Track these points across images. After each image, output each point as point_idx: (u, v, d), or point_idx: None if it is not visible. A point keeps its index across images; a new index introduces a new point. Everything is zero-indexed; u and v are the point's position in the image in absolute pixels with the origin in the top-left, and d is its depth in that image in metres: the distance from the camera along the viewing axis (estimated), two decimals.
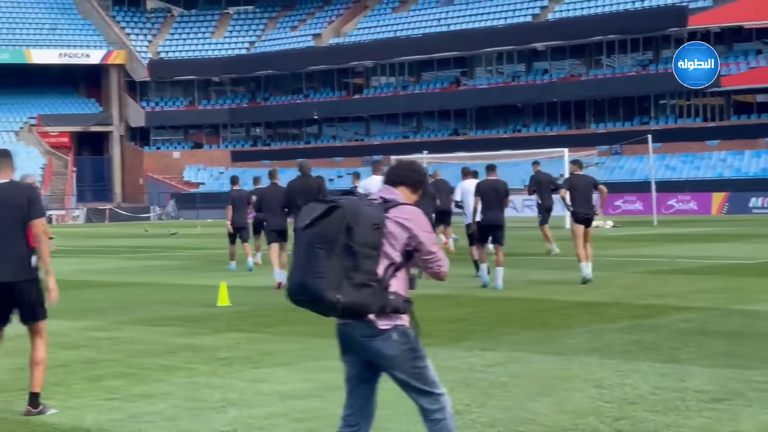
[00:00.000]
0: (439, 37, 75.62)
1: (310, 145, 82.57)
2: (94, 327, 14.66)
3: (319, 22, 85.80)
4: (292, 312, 15.83)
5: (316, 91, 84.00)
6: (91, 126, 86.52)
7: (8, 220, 8.74)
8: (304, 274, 5.76)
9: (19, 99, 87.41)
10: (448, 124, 78.11)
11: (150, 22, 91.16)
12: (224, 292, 17.19)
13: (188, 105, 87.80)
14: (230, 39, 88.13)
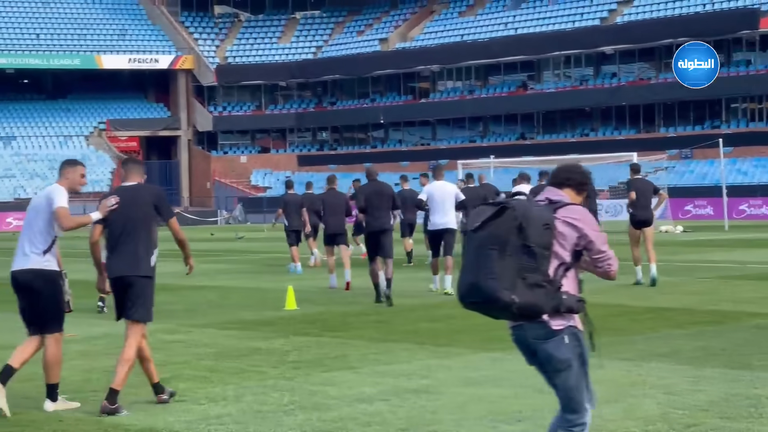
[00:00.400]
0: (506, 41, 75.39)
1: (376, 149, 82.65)
2: (164, 330, 14.80)
3: (385, 26, 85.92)
4: (359, 316, 15.91)
5: (383, 96, 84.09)
6: (160, 131, 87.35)
7: (134, 219, 9.43)
8: (477, 276, 5.79)
9: (90, 104, 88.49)
10: (515, 128, 77.83)
11: (218, 27, 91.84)
12: (292, 295, 17.28)
13: (255, 109, 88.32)
14: (297, 43, 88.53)
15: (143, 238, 9.51)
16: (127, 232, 9.46)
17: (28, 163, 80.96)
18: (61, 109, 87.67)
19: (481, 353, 11.96)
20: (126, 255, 9.47)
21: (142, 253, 9.50)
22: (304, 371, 11.05)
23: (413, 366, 11.19)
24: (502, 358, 11.52)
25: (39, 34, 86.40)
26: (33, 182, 77.92)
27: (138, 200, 9.49)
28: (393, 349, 12.42)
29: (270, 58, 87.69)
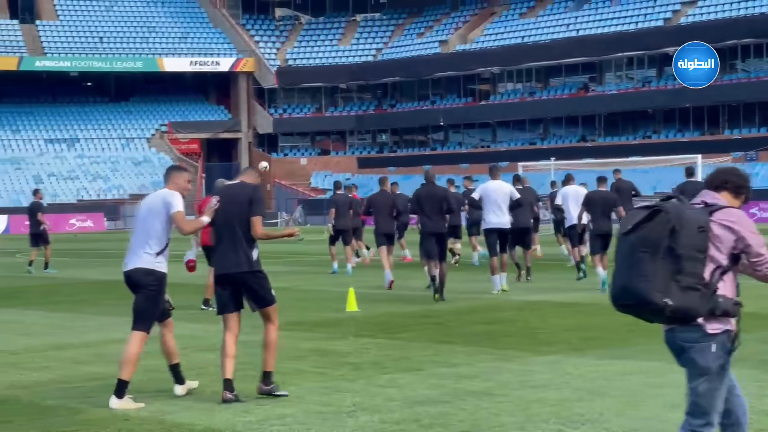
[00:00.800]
0: (567, 43, 75.03)
1: (436, 151, 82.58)
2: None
3: (445, 28, 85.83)
4: (421, 318, 15.90)
5: (443, 98, 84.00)
6: (220, 133, 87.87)
7: (234, 216, 9.87)
8: (629, 278, 5.79)
9: (152, 106, 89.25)
10: (576, 130, 77.42)
11: (278, 30, 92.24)
12: (353, 297, 17.31)
13: (315, 112, 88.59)
14: (357, 46, 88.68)
15: (245, 233, 9.82)
16: (229, 229, 9.86)
17: (91, 165, 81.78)
18: (123, 111, 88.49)
19: (540, 356, 11.92)
20: (231, 252, 9.84)
21: (246, 248, 9.83)
22: (365, 373, 11.06)
23: (474, 368, 11.17)
24: (561, 361, 11.48)
25: (102, 37, 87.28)
26: (96, 184, 78.74)
27: (237, 197, 9.93)
28: (453, 352, 12.41)
29: (330, 60, 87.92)
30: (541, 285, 21.35)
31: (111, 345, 13.72)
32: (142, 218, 10.04)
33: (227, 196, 9.98)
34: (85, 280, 25.88)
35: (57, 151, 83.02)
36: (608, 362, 11.34)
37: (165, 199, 9.96)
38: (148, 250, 9.89)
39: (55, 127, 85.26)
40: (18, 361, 12.45)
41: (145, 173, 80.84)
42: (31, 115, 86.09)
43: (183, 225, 9.92)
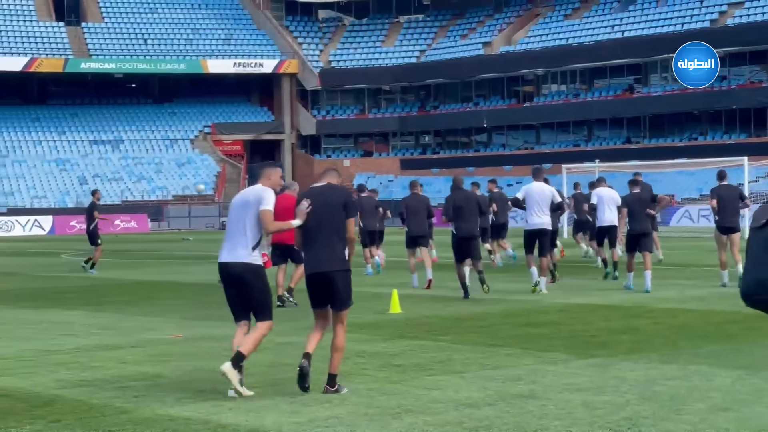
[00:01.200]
0: (612, 44, 74.72)
1: (479, 153, 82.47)
2: (275, 331, 14.81)
3: (489, 30, 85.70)
4: (464, 320, 15.89)
5: (486, 99, 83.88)
6: (264, 134, 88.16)
7: (328, 218, 10.27)
8: (764, 272, 5.70)
9: (195, 108, 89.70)
10: (621, 132, 77.07)
11: (322, 32, 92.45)
12: (396, 299, 17.32)
13: (358, 113, 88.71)
14: (401, 47, 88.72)
15: (336, 234, 10.24)
16: (323, 232, 10.25)
17: (135, 166, 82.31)
18: (167, 112, 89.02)
19: (585, 359, 11.89)
20: (324, 251, 10.23)
21: (337, 248, 10.25)
22: (409, 375, 11.07)
23: (519, 371, 11.15)
24: (607, 364, 11.44)
25: (147, 39, 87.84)
26: (140, 185, 79.20)
27: (329, 200, 10.28)
28: (498, 354, 12.40)
29: (373, 62, 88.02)
30: (583, 287, 21.28)
31: (157, 345, 13.82)
32: (236, 213, 10.41)
33: (319, 199, 10.30)
34: (128, 281, 26.06)
35: (101, 152, 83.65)
36: (655, 366, 11.29)
37: (259, 195, 10.32)
38: (245, 245, 10.25)
39: (99, 129, 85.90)
40: (66, 360, 12.57)
41: (189, 174, 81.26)
42: (76, 117, 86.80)
43: (269, 224, 10.24)
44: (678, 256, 31.63)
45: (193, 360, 12.43)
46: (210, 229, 72.63)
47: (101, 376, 11.32)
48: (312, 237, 10.29)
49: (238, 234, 10.28)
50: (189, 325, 16.17)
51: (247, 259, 10.23)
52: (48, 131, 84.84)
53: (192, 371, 11.55)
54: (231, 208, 10.62)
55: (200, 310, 18.39)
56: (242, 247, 10.25)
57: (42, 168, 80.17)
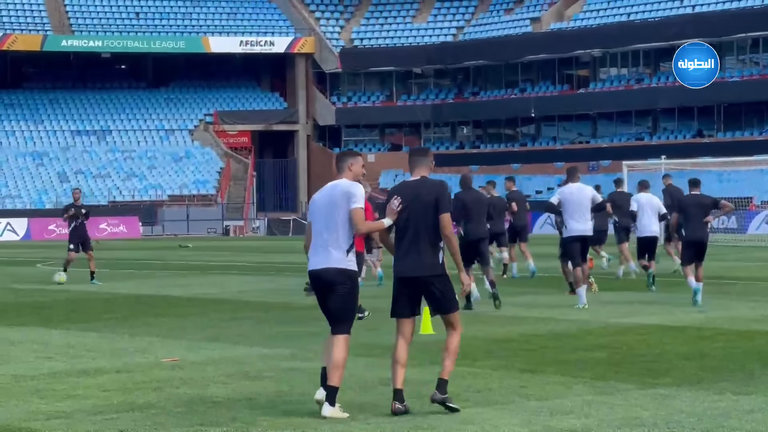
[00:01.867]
0: (681, 21, 74.54)
1: (526, 147, 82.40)
2: (279, 356, 14.98)
3: (538, 3, 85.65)
4: (506, 343, 15.89)
5: (534, 85, 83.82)
6: (275, 124, 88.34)
7: (419, 216, 10.75)
8: None
9: (195, 93, 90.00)
10: (691, 124, 76.89)
11: (343, 5, 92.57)
12: (428, 318, 17.31)
13: (385, 100, 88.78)
14: (434, 24, 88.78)
15: (430, 235, 10.73)
16: (412, 231, 10.75)
17: (125, 160, 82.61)
18: (162, 98, 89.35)
19: (647, 389, 11.88)
20: (413, 254, 10.78)
21: (431, 251, 10.73)
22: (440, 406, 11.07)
23: (569, 402, 11.15)
24: (671, 395, 11.42)
25: (139, 13, 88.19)
26: (130, 183, 79.49)
27: (421, 197, 10.77)
28: (545, 382, 12.40)
29: (403, 40, 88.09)
30: (641, 304, 21.24)
31: (148, 370, 13.86)
32: (323, 213, 10.80)
33: (410, 194, 10.76)
34: (116, 294, 26.15)
35: (85, 144, 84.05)
36: (729, 397, 11.27)
37: (347, 191, 10.74)
38: (338, 248, 10.70)
39: (83, 117, 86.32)
40: (40, 387, 12.62)
41: (187, 171, 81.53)
42: (56, 103, 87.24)
43: (361, 224, 10.66)
44: (756, 269, 31.51)
45: (190, 388, 12.47)
46: (212, 234, 72.84)
47: (81, 407, 11.35)
48: (403, 239, 10.80)
49: (329, 236, 10.69)
50: (186, 346, 16.22)
51: (343, 264, 10.70)
52: (23, 120, 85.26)
53: (188, 401, 11.58)
54: (314, 207, 10.96)
55: (200, 329, 18.45)
56: (337, 250, 10.69)
57: (16, 163, 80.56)
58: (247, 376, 13.19)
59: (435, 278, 10.69)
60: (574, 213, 20.73)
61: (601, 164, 75.02)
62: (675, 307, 20.83)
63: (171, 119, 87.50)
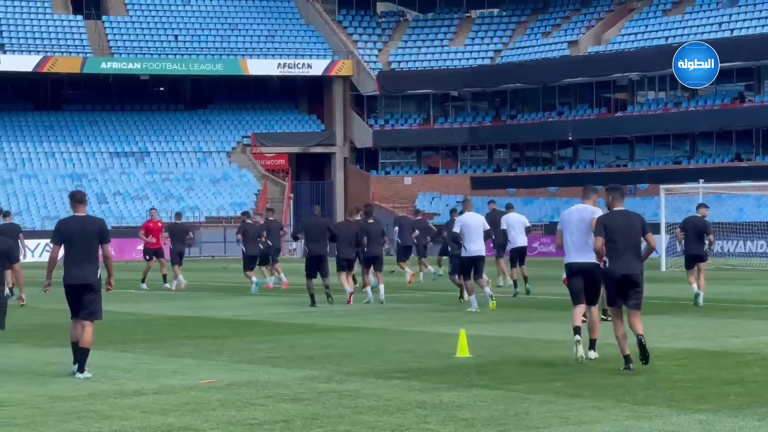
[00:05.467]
0: (719, 45, 74.17)
1: (563, 170, 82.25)
2: (316, 378, 14.96)
3: (575, 27, 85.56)
4: (543, 366, 15.83)
5: (572, 108, 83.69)
6: (312, 146, 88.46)
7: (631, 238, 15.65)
8: None
9: (233, 115, 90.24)
10: (729, 147, 76.58)
11: (380, 28, 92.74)
12: (464, 340, 17.28)
13: (422, 123, 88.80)
14: (472, 47, 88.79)
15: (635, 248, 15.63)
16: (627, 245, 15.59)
17: (162, 182, 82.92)
18: (200, 120, 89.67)
19: (686, 414, 11.80)
20: (632, 260, 15.55)
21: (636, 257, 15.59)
22: (478, 430, 11.03)
23: (608, 427, 11.09)
24: (711, 421, 11.34)
25: (177, 35, 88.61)
26: (167, 204, 79.68)
27: (633, 224, 15.69)
28: (582, 406, 12.34)
29: (440, 63, 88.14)
30: (676, 328, 21.13)
31: (186, 392, 13.87)
32: (578, 224, 16.44)
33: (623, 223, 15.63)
34: (153, 316, 26.20)
35: (124, 166, 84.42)
36: None
37: (594, 213, 16.50)
38: (590, 249, 16.09)
39: (122, 139, 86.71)
40: (79, 408, 12.64)
41: (224, 192, 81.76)
42: (95, 125, 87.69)
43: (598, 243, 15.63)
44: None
45: (227, 409, 12.47)
46: None
47: (119, 428, 11.38)
48: (617, 250, 15.45)
49: (585, 240, 16.19)
50: (223, 368, 16.22)
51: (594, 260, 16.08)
52: (62, 141, 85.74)
53: (226, 423, 11.58)
54: (569, 219, 16.59)
55: (236, 351, 18.45)
56: (589, 250, 16.05)
57: (55, 184, 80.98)
58: (283, 398, 13.18)
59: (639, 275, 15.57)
60: (472, 237, 25.48)
61: (638, 188, 74.80)
62: (712, 332, 20.71)
63: (209, 141, 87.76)
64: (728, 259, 54.29)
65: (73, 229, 15.50)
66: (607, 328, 21.08)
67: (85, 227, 15.50)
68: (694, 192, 50.54)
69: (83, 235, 15.42)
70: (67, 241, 15.51)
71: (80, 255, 15.40)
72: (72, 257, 15.48)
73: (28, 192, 79.41)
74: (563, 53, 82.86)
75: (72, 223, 15.65)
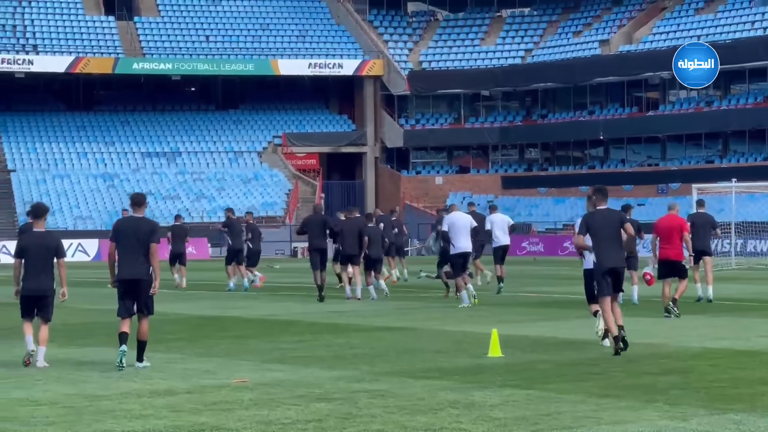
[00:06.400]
0: (752, 43, 73.99)
1: (594, 170, 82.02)
2: (349, 377, 14.97)
3: (607, 26, 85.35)
4: (576, 366, 15.79)
5: (603, 107, 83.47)
6: (343, 146, 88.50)
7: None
8: None
9: (264, 115, 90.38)
10: (762, 146, 76.23)
11: (411, 28, 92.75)
12: (496, 340, 17.26)
13: (453, 123, 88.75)
14: (503, 46, 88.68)
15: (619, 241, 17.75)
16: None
17: (194, 182, 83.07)
18: (231, 121, 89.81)
19: (720, 414, 11.76)
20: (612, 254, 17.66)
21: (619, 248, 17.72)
22: (509, 429, 11.01)
23: (641, 427, 11.07)
24: (744, 421, 11.30)
25: (209, 36, 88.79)
26: (199, 204, 79.92)
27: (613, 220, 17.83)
28: (615, 406, 12.31)
29: (471, 63, 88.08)
30: (709, 328, 21.06)
31: (217, 391, 13.89)
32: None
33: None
34: (185, 316, 26.26)
35: (155, 166, 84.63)
36: None
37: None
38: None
39: (153, 139, 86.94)
40: (112, 407, 12.69)
41: (256, 193, 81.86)
42: (127, 125, 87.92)
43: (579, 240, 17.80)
44: None
45: (259, 409, 12.48)
46: (280, 255, 73.00)
47: (152, 427, 11.41)
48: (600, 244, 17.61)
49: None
50: (254, 368, 16.24)
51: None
52: (94, 141, 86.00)
53: (258, 422, 11.60)
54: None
55: (267, 351, 18.47)
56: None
57: (87, 184, 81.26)
58: (315, 397, 13.19)
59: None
60: (459, 235, 26.95)
61: (670, 187, 74.54)
62: (746, 332, 20.64)
63: (240, 141, 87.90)
64: (761, 259, 54.10)
65: (127, 228, 16.57)
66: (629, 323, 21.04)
67: (138, 227, 16.46)
68: (727, 191, 50.38)
69: (136, 234, 16.35)
70: (121, 239, 16.49)
71: (131, 253, 16.33)
72: (123, 255, 16.44)
73: (60, 192, 79.65)
74: (594, 52, 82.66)
75: (126, 223, 16.81)
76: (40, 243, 16.73)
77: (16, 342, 18.63)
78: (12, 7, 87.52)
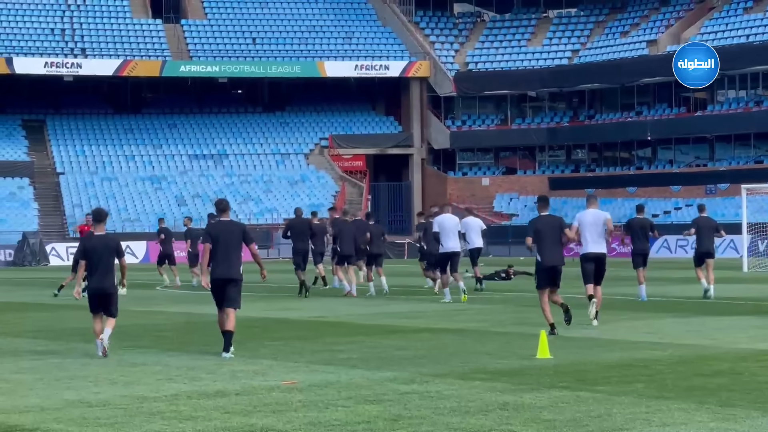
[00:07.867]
0: None
1: (642, 170, 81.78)
2: (398, 379, 14.98)
3: (654, 26, 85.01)
4: (626, 368, 15.75)
5: (650, 108, 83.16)
6: (389, 148, 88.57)
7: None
8: None
9: (310, 117, 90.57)
10: None
11: (457, 29, 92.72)
12: (545, 342, 17.25)
13: (500, 124, 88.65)
14: (550, 47, 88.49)
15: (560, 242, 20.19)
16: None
17: (241, 184, 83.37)
18: (278, 123, 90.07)
19: None
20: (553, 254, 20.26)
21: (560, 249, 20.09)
22: (560, 431, 10.99)
23: (692, 429, 11.03)
24: None
25: (255, 38, 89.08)
26: (246, 207, 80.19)
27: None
28: (666, 408, 12.26)
29: (518, 64, 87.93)
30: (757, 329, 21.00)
31: (267, 393, 13.94)
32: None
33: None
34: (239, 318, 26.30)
35: (202, 168, 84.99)
36: None
37: (605, 215, 19.53)
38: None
39: (200, 141, 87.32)
40: (163, 409, 12.76)
41: (303, 194, 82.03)
42: (174, 127, 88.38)
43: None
44: None
45: (309, 410, 12.52)
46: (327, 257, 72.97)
47: (203, 428, 11.46)
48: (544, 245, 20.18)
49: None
50: (303, 369, 16.28)
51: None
52: (142, 144, 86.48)
53: (308, 424, 11.63)
54: (584, 220, 20.59)
55: (315, 352, 18.51)
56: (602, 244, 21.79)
57: (135, 186, 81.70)
58: (365, 399, 13.21)
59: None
60: (447, 235, 29.09)
61: (719, 188, 74.16)
62: None
63: (287, 143, 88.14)
64: None
65: (220, 231, 18.12)
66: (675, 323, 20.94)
67: (230, 229, 18.13)
68: None
69: (228, 236, 18.03)
70: (214, 241, 18.07)
71: (225, 253, 18.01)
72: (217, 255, 18.05)
73: (108, 194, 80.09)
74: (642, 53, 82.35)
75: (219, 226, 18.27)
76: (103, 245, 18.32)
77: (71, 344, 18.78)
78: (61, 11, 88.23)
